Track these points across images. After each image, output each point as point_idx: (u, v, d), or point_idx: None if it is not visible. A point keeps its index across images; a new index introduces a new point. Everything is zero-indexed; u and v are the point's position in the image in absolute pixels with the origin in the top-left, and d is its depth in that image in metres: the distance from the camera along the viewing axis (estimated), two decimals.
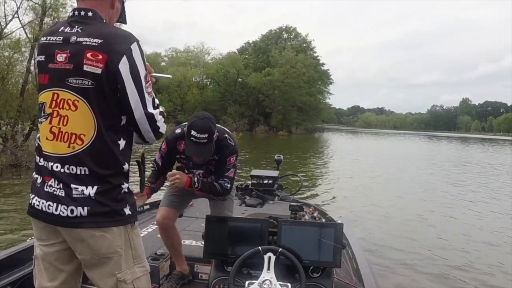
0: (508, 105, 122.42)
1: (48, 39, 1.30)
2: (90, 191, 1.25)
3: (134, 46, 1.25)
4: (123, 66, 1.22)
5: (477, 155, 24.83)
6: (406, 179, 11.86)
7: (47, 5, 12.03)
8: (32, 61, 12.15)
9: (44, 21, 12.07)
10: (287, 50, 39.74)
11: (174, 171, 2.14)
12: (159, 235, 2.42)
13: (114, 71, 1.22)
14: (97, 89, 1.23)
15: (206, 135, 1.92)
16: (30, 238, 2.41)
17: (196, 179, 2.10)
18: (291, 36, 47.15)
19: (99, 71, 1.21)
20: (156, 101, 1.34)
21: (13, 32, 12.14)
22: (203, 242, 1.78)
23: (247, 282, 1.58)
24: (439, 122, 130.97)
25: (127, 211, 1.32)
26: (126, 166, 1.32)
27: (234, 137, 2.27)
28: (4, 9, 11.91)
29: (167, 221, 2.26)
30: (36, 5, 12.15)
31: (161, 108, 1.37)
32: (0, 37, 11.55)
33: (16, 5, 12.00)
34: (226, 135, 2.14)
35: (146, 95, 1.27)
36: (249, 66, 41.54)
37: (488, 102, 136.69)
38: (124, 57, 1.22)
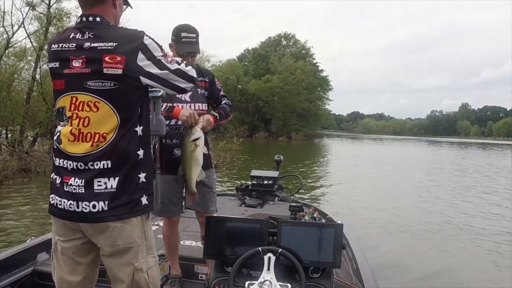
0: (508, 109, 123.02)
1: (60, 46, 1.35)
2: (113, 182, 1.32)
3: (144, 39, 1.35)
4: (142, 60, 1.33)
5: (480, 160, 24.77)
6: (406, 182, 11.85)
7: (51, 14, 12.20)
8: (38, 69, 12.33)
9: (48, 31, 12.24)
10: (286, 57, 39.96)
11: (202, 117, 1.95)
12: (158, 236, 2.43)
13: (135, 67, 1.32)
14: (119, 88, 1.31)
15: (195, 35, 2.10)
16: (30, 239, 2.43)
17: (214, 112, 2.15)
18: (290, 43, 47.53)
19: (120, 71, 1.30)
20: (178, 59, 1.46)
21: (20, 41, 12.34)
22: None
23: (247, 283, 1.58)
24: (438, 127, 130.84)
25: (144, 200, 1.39)
26: (141, 153, 1.38)
27: None
28: (11, 19, 12.11)
29: (174, 229, 2.30)
30: (41, 15, 12.32)
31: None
32: (7, 46, 11.70)
33: (22, 15, 12.19)
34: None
35: (168, 65, 1.40)
36: (248, 73, 41.74)
37: (488, 107, 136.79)
38: (140, 52, 1.33)
